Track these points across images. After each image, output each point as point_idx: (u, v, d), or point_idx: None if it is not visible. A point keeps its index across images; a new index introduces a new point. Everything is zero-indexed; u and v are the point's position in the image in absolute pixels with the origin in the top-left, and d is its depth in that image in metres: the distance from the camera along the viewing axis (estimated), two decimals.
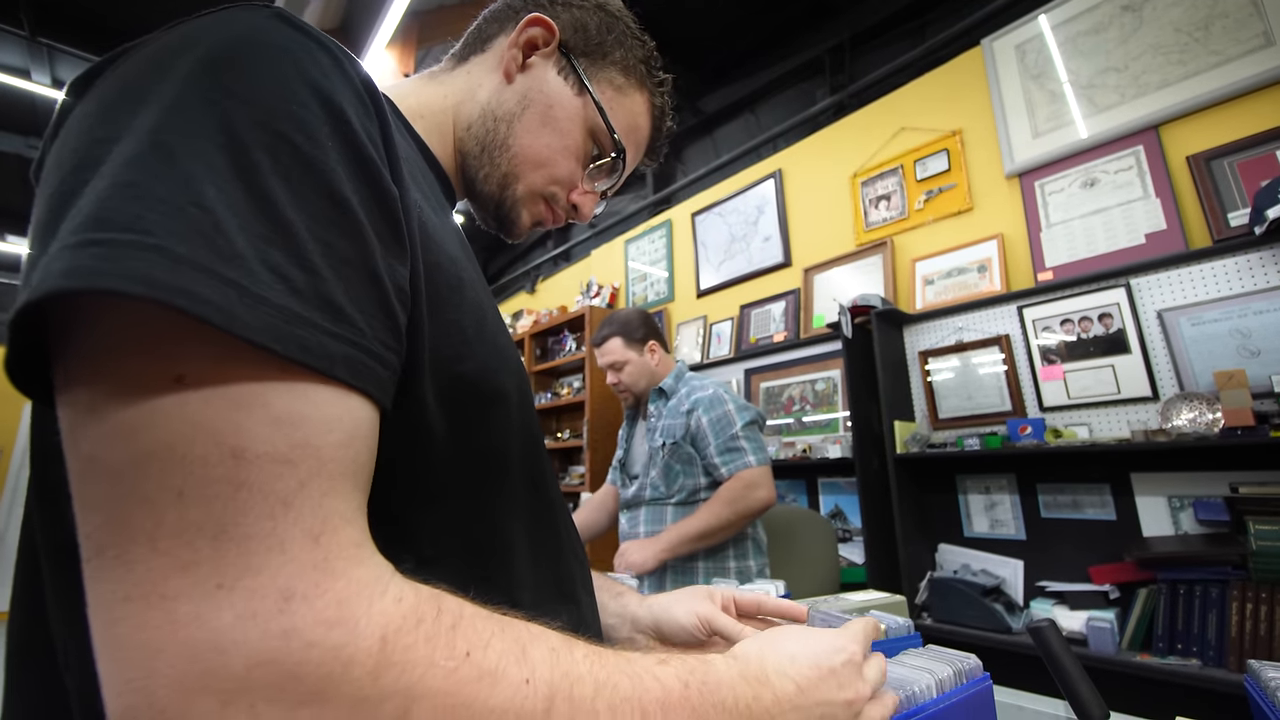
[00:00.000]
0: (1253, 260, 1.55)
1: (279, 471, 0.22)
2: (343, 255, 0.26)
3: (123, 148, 0.23)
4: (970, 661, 0.55)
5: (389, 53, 2.42)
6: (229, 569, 0.21)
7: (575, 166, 0.54)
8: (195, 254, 0.21)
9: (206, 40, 0.27)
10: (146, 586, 0.21)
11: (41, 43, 3.39)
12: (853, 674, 0.39)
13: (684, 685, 0.32)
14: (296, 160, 0.26)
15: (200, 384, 0.22)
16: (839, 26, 2.93)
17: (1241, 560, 1.36)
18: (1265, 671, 0.49)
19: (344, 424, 0.25)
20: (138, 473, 0.21)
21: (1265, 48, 1.63)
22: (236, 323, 0.21)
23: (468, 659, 0.25)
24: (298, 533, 0.22)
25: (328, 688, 0.21)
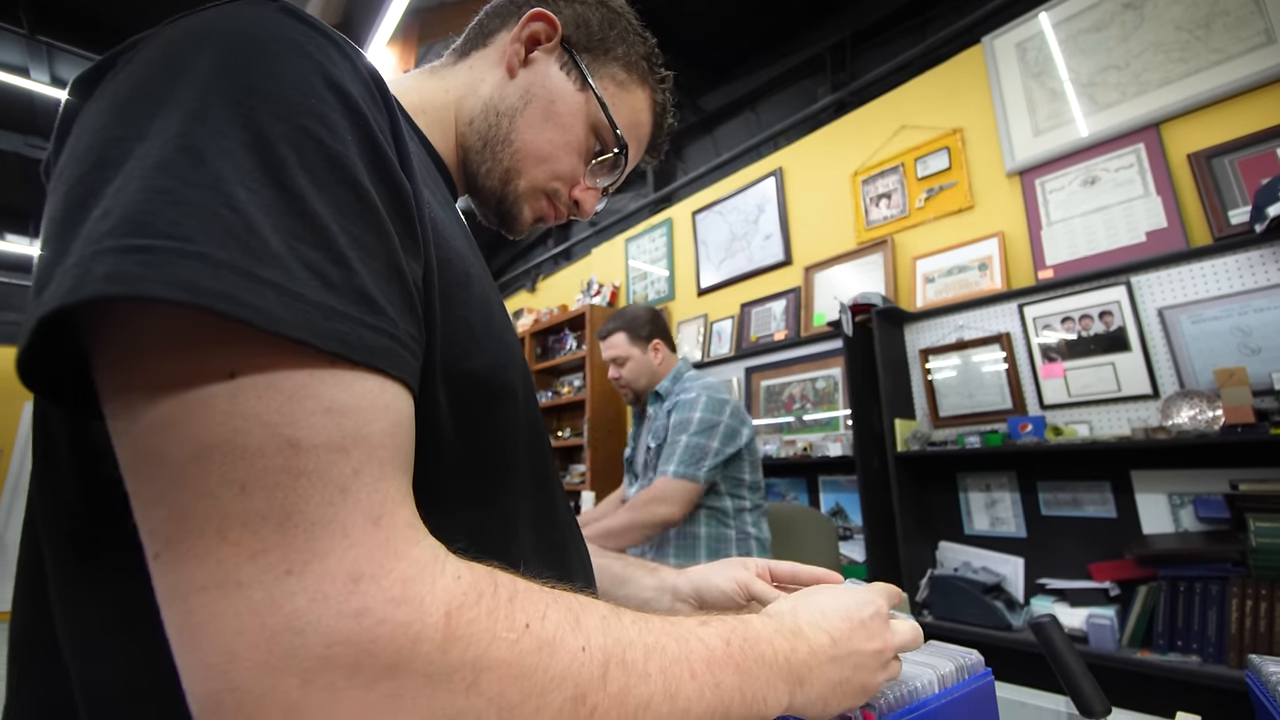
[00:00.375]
0: (1253, 258, 1.55)
1: (334, 459, 0.23)
2: (370, 248, 0.27)
3: (149, 149, 0.23)
4: (972, 657, 0.55)
5: (390, 50, 2.41)
6: (297, 555, 0.22)
7: (577, 162, 0.54)
8: (233, 257, 0.22)
9: (218, 37, 0.27)
10: (220, 576, 0.21)
11: (40, 41, 3.39)
12: (881, 625, 0.42)
13: (726, 643, 0.33)
14: (321, 155, 0.26)
15: (251, 380, 0.23)
16: (840, 24, 2.92)
17: (1241, 557, 1.36)
18: (1266, 666, 0.49)
19: (389, 412, 0.26)
20: (199, 467, 0.22)
21: (1266, 45, 1.63)
22: (278, 322, 0.22)
23: (527, 630, 0.25)
24: (358, 517, 0.23)
25: (400, 662, 0.22)
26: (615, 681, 0.27)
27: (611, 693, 0.27)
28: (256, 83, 0.26)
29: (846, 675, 0.39)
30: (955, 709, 0.50)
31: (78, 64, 3.63)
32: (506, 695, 0.24)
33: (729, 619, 0.36)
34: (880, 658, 0.41)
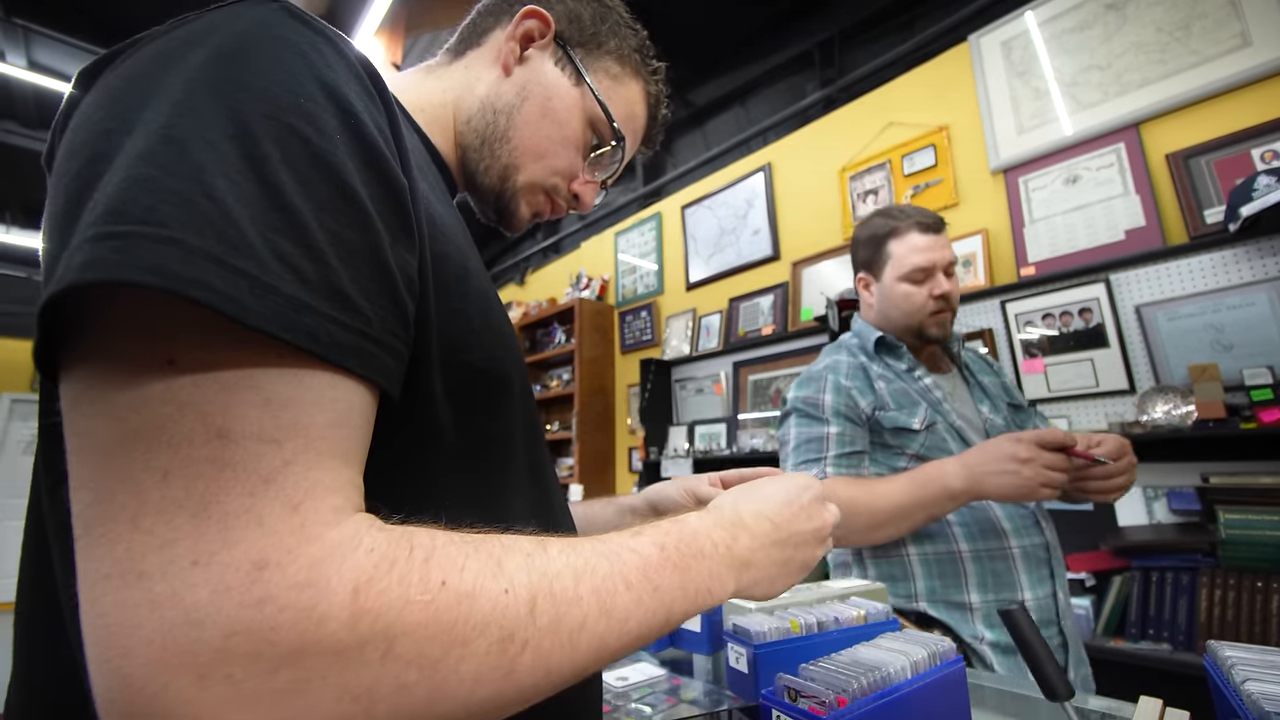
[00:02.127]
0: (1227, 257, 1.59)
1: (264, 450, 0.23)
2: (351, 246, 0.27)
3: (135, 141, 0.24)
4: (944, 644, 0.56)
5: (377, 40, 2.39)
6: (205, 545, 0.22)
7: (575, 157, 0.54)
8: (207, 245, 0.22)
9: (215, 34, 0.28)
10: (126, 564, 0.21)
11: (16, 24, 3.31)
12: (818, 506, 0.46)
13: (660, 548, 0.35)
14: (305, 152, 0.26)
15: (192, 368, 0.23)
16: (829, 20, 2.93)
17: (1211, 548, 1.40)
18: (1222, 650, 0.52)
19: (338, 406, 0.26)
20: (126, 452, 0.22)
21: (1242, 48, 1.67)
22: (249, 313, 0.22)
23: (444, 587, 0.25)
24: (278, 506, 0.23)
25: (304, 645, 0.22)
26: (545, 614, 0.28)
27: (542, 625, 0.28)
28: (246, 79, 0.26)
29: (789, 555, 0.43)
30: (927, 694, 0.52)
31: (54, 48, 3.55)
32: (426, 653, 0.24)
33: (663, 523, 0.37)
34: (819, 535, 0.45)
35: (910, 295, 1.09)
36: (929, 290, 1.07)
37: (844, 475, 1.04)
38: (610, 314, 3.73)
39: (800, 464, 1.08)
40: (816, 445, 1.07)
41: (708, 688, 0.77)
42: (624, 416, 3.53)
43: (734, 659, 0.65)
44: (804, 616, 0.66)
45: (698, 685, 0.78)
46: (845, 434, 1.06)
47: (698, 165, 3.45)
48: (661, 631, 0.34)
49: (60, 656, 0.31)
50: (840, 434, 1.06)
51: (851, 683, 0.48)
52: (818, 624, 0.65)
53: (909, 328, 1.11)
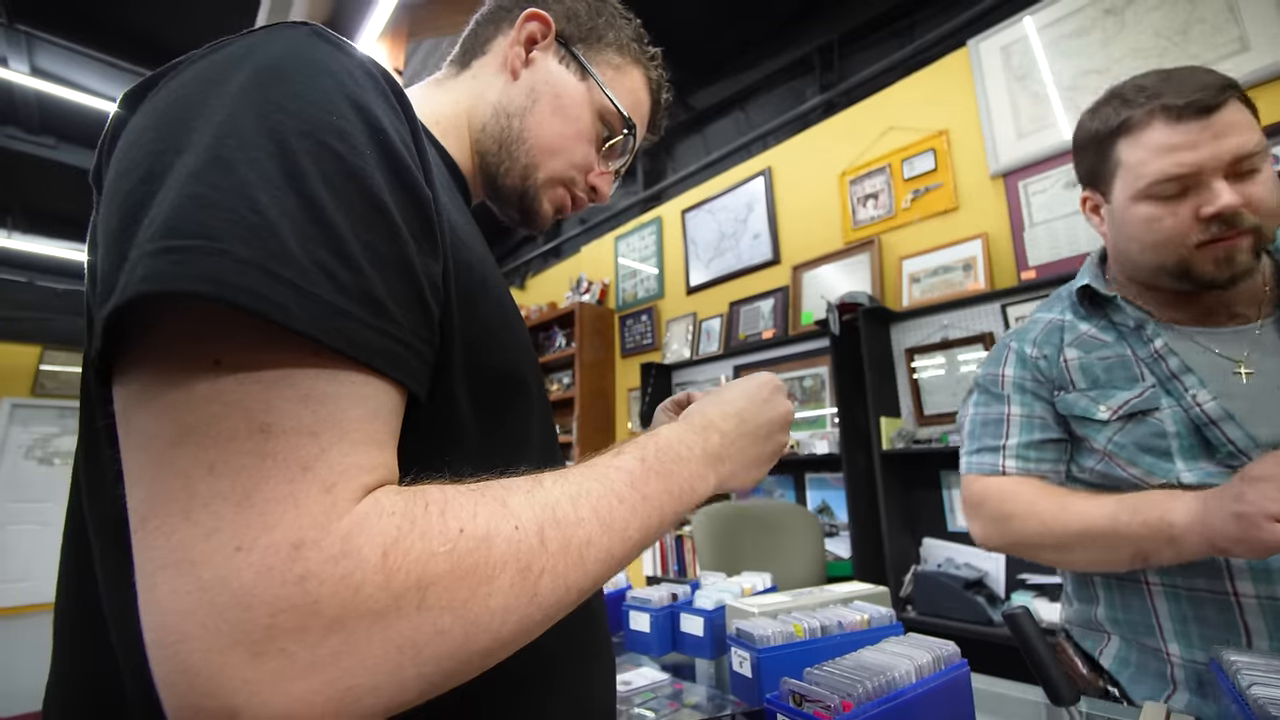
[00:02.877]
0: None
1: (302, 442, 0.25)
2: (382, 255, 0.29)
3: (185, 160, 0.26)
4: (949, 649, 0.56)
5: (380, 45, 2.40)
6: (248, 531, 0.23)
7: (589, 149, 0.56)
8: (256, 256, 0.24)
9: (254, 57, 0.30)
10: (179, 554, 0.23)
11: (19, 30, 3.32)
12: (778, 394, 0.50)
13: (641, 460, 0.38)
14: (339, 168, 0.28)
15: (236, 368, 0.25)
16: (828, 25, 2.94)
17: None
18: (1228, 655, 0.51)
19: (370, 402, 0.28)
20: (177, 448, 0.24)
21: (1240, 53, 1.67)
22: (293, 318, 0.24)
23: (461, 534, 0.28)
24: (313, 489, 0.25)
25: (346, 612, 0.24)
26: (554, 540, 0.30)
27: (553, 551, 0.30)
28: (283, 101, 0.28)
29: (759, 443, 0.47)
30: (932, 698, 0.52)
31: (57, 54, 3.57)
32: (456, 595, 0.26)
33: (639, 439, 0.40)
34: (784, 421, 0.49)
35: (1154, 221, 0.71)
36: (1193, 209, 0.68)
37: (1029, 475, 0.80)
38: (610, 318, 3.73)
39: (974, 454, 0.86)
40: (994, 429, 0.84)
41: (711, 692, 0.76)
42: (624, 420, 3.53)
43: (737, 663, 0.65)
44: (807, 621, 0.66)
45: (701, 690, 0.77)
46: (1033, 416, 0.82)
47: (698, 169, 3.45)
48: (659, 533, 0.37)
49: (101, 657, 0.32)
50: (1025, 416, 0.82)
51: (856, 687, 0.48)
52: (821, 628, 0.65)
53: (1161, 267, 0.74)
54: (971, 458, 0.87)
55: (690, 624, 0.83)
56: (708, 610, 0.82)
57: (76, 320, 6.12)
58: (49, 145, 4.22)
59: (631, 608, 0.90)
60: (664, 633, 0.86)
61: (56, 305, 5.98)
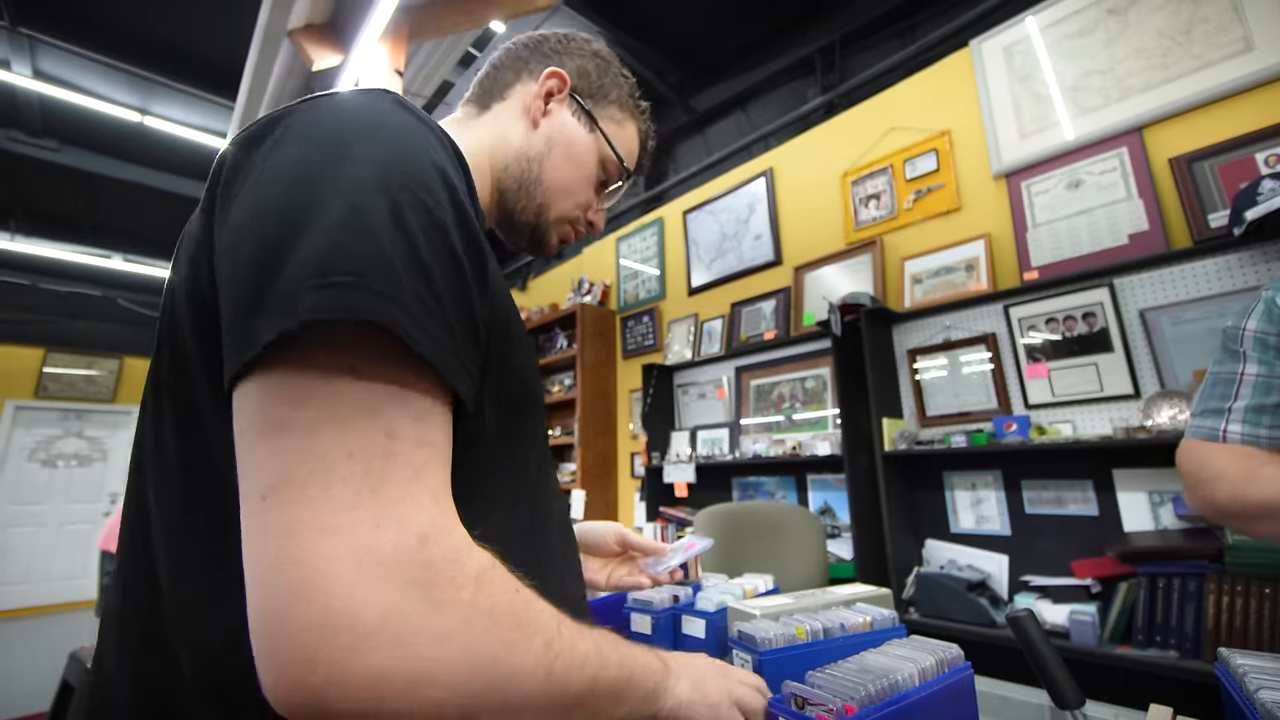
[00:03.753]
0: (1231, 261, 1.58)
1: (414, 451, 0.32)
2: (455, 294, 0.35)
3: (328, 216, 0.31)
4: (952, 651, 0.56)
5: (381, 46, 2.40)
6: (385, 513, 0.29)
7: (591, 192, 0.64)
8: (390, 291, 0.30)
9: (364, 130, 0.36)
10: (316, 519, 0.28)
11: (22, 33, 3.33)
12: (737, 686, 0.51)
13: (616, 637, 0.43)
14: (430, 221, 0.34)
15: (368, 378, 0.31)
16: (830, 26, 2.94)
17: (1218, 554, 1.39)
18: (1234, 659, 0.51)
19: (447, 424, 0.35)
20: (315, 435, 0.29)
21: (1245, 53, 1.67)
22: (415, 342, 0.31)
23: (518, 593, 0.35)
24: (426, 495, 0.32)
25: (448, 603, 0.30)
26: (565, 637, 0.36)
27: (565, 643, 0.36)
28: (395, 169, 0.34)
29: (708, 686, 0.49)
30: (935, 702, 0.51)
31: (60, 57, 3.58)
32: (508, 636, 0.32)
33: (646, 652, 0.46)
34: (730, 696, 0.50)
35: None
36: None
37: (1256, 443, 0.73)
38: (612, 319, 3.73)
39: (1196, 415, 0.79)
40: (1223, 390, 0.77)
41: None
42: (626, 421, 3.53)
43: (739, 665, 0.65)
44: (810, 623, 0.65)
45: None
46: (1273, 377, 0.74)
47: (699, 170, 3.45)
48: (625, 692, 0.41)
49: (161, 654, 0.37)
50: (1264, 376, 0.74)
51: (859, 690, 0.48)
52: (824, 630, 0.65)
53: None
54: (1193, 419, 0.80)
55: (692, 626, 0.83)
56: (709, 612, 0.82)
57: (77, 323, 6.14)
58: (51, 148, 4.23)
59: (633, 610, 0.89)
60: (666, 635, 0.86)
61: (59, 308, 6.00)
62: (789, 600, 0.76)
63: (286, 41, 2.61)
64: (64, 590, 5.80)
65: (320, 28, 2.56)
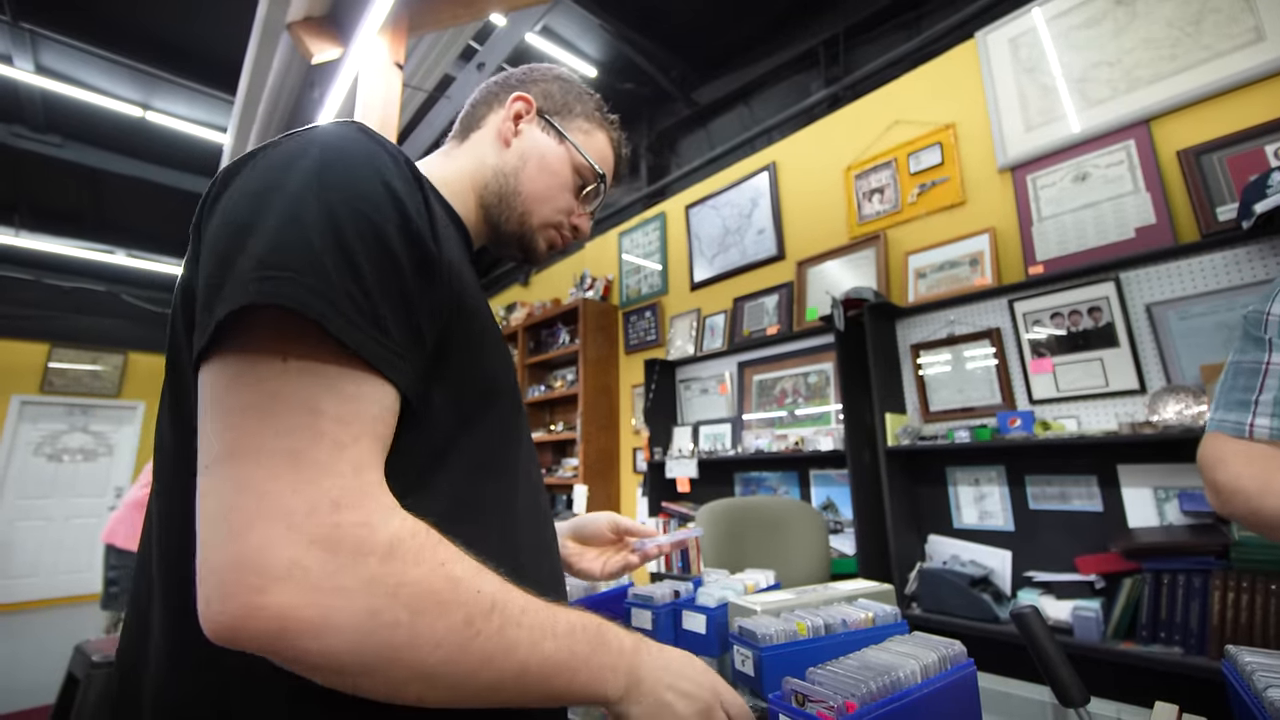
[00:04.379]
0: (1239, 255, 1.56)
1: (340, 428, 0.36)
2: (390, 290, 0.39)
3: (269, 222, 0.37)
4: (955, 648, 0.55)
5: (381, 39, 2.39)
6: (301, 482, 0.34)
7: (570, 197, 0.69)
8: (316, 284, 0.35)
9: (315, 149, 0.41)
10: (250, 484, 0.33)
11: (24, 28, 3.33)
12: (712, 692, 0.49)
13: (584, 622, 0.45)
14: (367, 225, 0.39)
15: (298, 364, 0.35)
16: (834, 18, 2.92)
17: (1224, 550, 1.38)
18: (1242, 656, 0.50)
19: (382, 403, 0.39)
20: (254, 413, 0.34)
21: (1256, 43, 1.64)
22: (338, 329, 0.35)
23: (442, 566, 0.37)
24: (348, 466, 0.35)
25: (352, 564, 0.34)
26: (496, 620, 0.38)
27: (493, 626, 0.38)
28: (335, 181, 0.40)
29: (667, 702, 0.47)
30: (937, 698, 0.51)
31: (62, 52, 3.58)
32: (417, 603, 0.35)
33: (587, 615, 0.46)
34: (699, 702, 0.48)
35: None
36: None
37: None
38: (614, 314, 3.72)
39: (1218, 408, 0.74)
40: (1247, 381, 0.72)
41: None
42: (628, 417, 3.52)
43: (740, 662, 0.64)
44: (811, 619, 0.65)
45: None
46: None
47: (702, 165, 3.43)
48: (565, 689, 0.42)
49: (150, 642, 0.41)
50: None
51: (861, 687, 0.47)
52: (825, 626, 0.64)
53: None
54: (1215, 412, 0.74)
55: (692, 621, 0.82)
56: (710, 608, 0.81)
57: (82, 318, 6.16)
58: (55, 144, 4.23)
59: (633, 605, 0.89)
60: (666, 630, 0.86)
61: (63, 303, 6.02)
62: (790, 596, 0.76)
63: (286, 35, 2.60)
64: (69, 584, 5.85)
65: (319, 20, 2.54)
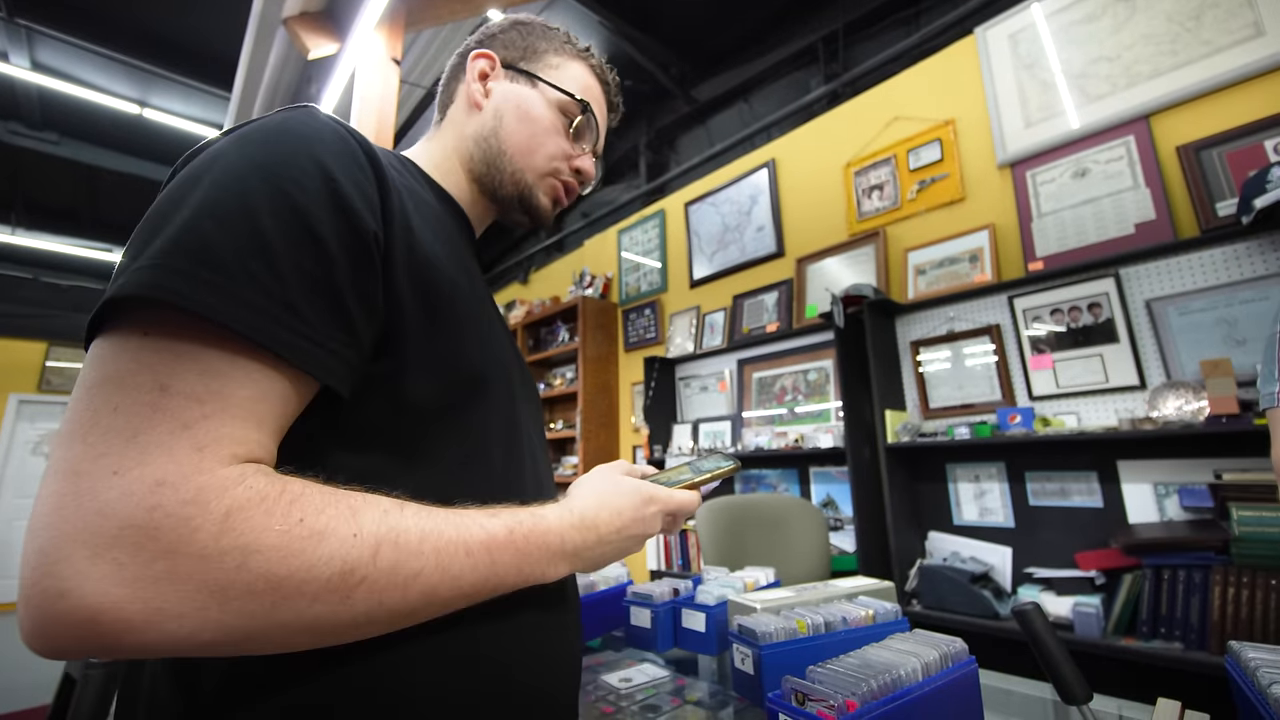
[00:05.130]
0: (1239, 250, 1.56)
1: (189, 405, 0.32)
2: (309, 273, 0.36)
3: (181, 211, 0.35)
4: (956, 645, 0.55)
5: (378, 34, 2.37)
6: (126, 462, 0.30)
7: (560, 139, 0.64)
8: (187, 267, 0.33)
9: (255, 131, 0.40)
10: (70, 464, 0.30)
11: (20, 24, 3.31)
12: (654, 520, 0.54)
13: (509, 531, 0.43)
14: (288, 206, 0.36)
15: (157, 339, 0.33)
16: (833, 15, 2.91)
17: (1224, 545, 1.38)
18: (1246, 652, 0.50)
19: (261, 385, 0.35)
20: (95, 390, 0.32)
21: (1255, 38, 1.64)
22: (204, 306, 0.32)
23: (300, 523, 0.33)
24: (185, 444, 0.32)
25: (177, 545, 0.30)
26: (386, 558, 0.36)
27: (382, 567, 0.35)
28: (258, 158, 0.38)
29: (618, 552, 0.52)
30: (939, 697, 0.50)
31: (58, 48, 3.56)
32: (274, 570, 0.32)
33: (521, 511, 0.45)
34: (645, 538, 0.54)
35: None
36: None
37: None
38: (614, 312, 3.71)
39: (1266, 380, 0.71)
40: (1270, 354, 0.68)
41: (713, 688, 0.75)
42: (628, 414, 3.52)
43: (739, 660, 0.64)
44: (811, 616, 0.65)
45: (703, 686, 0.76)
46: None
47: (701, 162, 3.42)
48: (497, 592, 0.42)
49: None
50: None
51: (861, 685, 0.47)
52: (825, 624, 0.64)
53: None
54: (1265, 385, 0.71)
55: (692, 619, 0.82)
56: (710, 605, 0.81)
57: (79, 317, 6.14)
58: (51, 141, 4.22)
59: (633, 603, 0.88)
60: (666, 628, 0.85)
61: (60, 302, 6.00)
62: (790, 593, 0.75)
63: (282, 30, 2.59)
64: None
65: (315, 15, 2.53)
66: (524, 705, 0.46)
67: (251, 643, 0.32)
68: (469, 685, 0.43)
